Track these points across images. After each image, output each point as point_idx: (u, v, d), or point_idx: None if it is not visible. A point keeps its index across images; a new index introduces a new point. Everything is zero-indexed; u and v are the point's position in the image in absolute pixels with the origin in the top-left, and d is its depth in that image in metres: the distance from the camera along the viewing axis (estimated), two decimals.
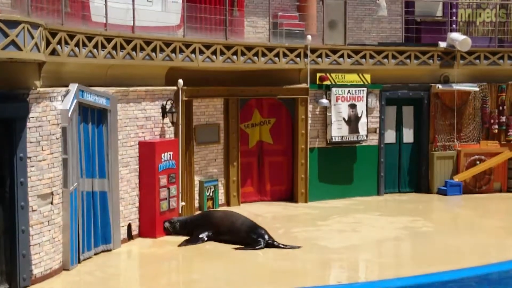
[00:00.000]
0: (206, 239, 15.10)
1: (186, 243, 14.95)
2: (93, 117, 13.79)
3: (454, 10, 22.78)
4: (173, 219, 15.69)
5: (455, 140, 20.99)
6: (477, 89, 21.01)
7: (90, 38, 13.91)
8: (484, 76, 21.22)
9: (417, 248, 15.23)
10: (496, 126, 21.18)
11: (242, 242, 14.74)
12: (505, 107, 21.19)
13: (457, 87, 20.72)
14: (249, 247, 14.53)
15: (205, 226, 15.32)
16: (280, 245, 14.68)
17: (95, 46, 14.09)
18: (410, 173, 21.23)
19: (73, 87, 12.84)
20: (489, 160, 20.86)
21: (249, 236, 14.76)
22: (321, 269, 13.56)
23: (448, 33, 21.33)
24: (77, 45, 13.47)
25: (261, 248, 14.54)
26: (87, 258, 13.50)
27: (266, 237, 14.76)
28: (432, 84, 20.79)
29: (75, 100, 12.78)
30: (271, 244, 14.68)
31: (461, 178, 20.76)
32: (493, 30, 22.59)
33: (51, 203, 12.27)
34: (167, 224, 15.58)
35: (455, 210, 19.37)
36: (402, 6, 21.92)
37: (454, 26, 22.55)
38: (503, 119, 21.19)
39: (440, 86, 20.68)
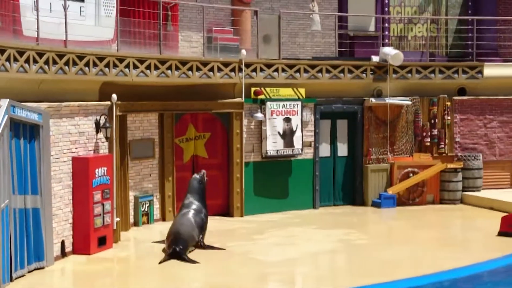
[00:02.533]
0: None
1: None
2: (25, 132, 13.55)
3: (386, 25, 23.15)
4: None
5: (389, 153, 21.23)
6: (409, 102, 21.29)
7: (21, 53, 13.70)
8: (416, 90, 21.52)
9: (352, 260, 15.34)
10: (429, 139, 21.48)
11: None
12: (437, 120, 21.51)
13: (389, 100, 20.97)
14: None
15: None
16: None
17: (27, 61, 13.88)
18: (344, 186, 21.37)
19: (4, 103, 12.61)
20: (422, 172, 21.14)
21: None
22: (257, 283, 13.53)
23: (381, 47, 21.64)
24: (8, 59, 13.27)
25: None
26: (20, 276, 13.23)
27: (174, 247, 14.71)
28: (366, 98, 21.00)
29: (6, 116, 12.56)
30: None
31: (394, 190, 21.00)
32: (424, 45, 23.01)
33: None
34: None
35: (389, 222, 19.57)
36: (335, 21, 22.16)
37: (386, 40, 22.91)
38: (435, 132, 21.50)
39: (373, 100, 20.90)
